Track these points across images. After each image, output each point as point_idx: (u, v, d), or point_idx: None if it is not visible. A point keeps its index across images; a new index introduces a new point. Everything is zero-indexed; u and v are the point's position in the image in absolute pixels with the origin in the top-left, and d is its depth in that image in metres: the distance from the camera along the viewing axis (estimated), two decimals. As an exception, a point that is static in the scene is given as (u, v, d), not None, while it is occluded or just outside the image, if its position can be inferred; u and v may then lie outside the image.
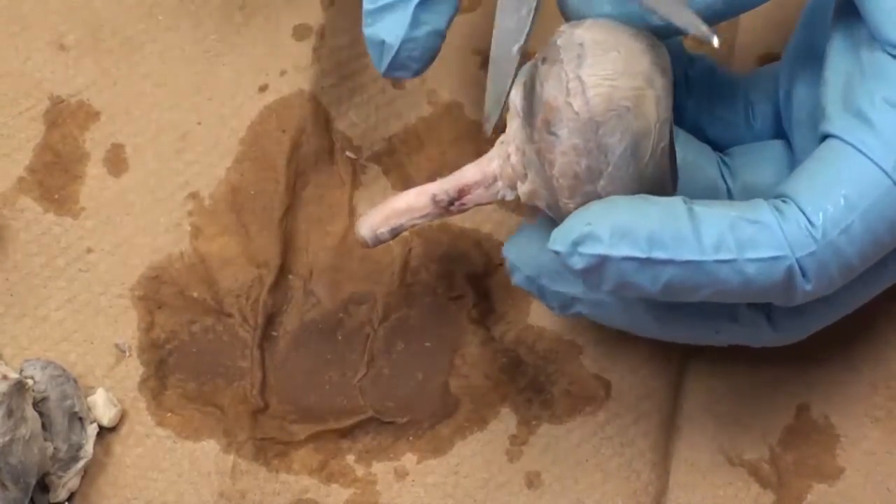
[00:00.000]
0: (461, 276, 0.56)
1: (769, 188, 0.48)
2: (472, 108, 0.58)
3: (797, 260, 0.44)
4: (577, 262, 0.44)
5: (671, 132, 0.46)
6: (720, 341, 0.50)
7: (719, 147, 0.53)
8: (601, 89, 0.44)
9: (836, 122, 0.46)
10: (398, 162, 0.58)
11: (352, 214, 0.57)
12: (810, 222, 0.44)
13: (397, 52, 0.50)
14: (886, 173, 0.44)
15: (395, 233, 0.50)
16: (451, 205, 0.49)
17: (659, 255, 0.44)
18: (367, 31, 0.50)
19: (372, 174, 0.58)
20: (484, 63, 0.59)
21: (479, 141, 0.57)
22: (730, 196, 0.51)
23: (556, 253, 0.45)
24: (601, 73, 0.45)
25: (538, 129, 0.45)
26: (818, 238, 0.44)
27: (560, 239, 0.45)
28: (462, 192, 0.49)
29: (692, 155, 0.51)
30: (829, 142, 0.46)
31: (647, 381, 0.54)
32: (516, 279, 0.50)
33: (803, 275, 0.44)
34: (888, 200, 0.44)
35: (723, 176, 0.51)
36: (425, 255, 0.56)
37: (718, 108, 0.53)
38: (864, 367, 0.54)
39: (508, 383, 0.55)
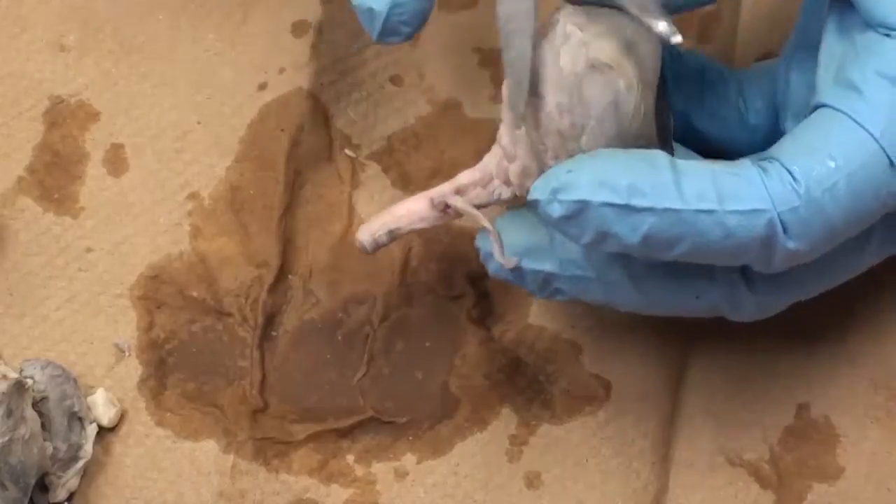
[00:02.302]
0: (461, 276, 0.56)
1: None
2: (471, 106, 0.58)
3: (779, 214, 0.44)
4: (556, 209, 0.45)
5: (661, 100, 0.47)
6: (701, 309, 0.49)
7: (712, 142, 0.53)
8: (585, 49, 0.45)
9: (827, 92, 0.46)
10: (397, 160, 0.58)
11: (351, 213, 0.57)
12: (795, 179, 0.44)
13: (387, 18, 0.50)
14: (874, 138, 0.44)
15: (394, 236, 0.50)
16: (449, 207, 0.49)
17: (639, 202, 0.44)
18: (355, 0, 0.51)
19: (371, 172, 0.58)
20: (483, 61, 0.59)
21: (478, 139, 0.57)
22: None
23: (536, 202, 0.45)
24: (586, 35, 0.45)
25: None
26: (801, 194, 0.44)
27: (540, 187, 0.45)
28: (459, 193, 0.49)
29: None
30: (819, 110, 0.46)
31: (647, 381, 0.54)
32: (492, 267, 0.50)
33: (785, 231, 0.44)
34: (875, 165, 0.44)
35: None
36: (425, 255, 0.56)
37: (710, 103, 0.53)
38: (864, 367, 0.54)
39: (508, 383, 0.55)
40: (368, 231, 0.51)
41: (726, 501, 0.53)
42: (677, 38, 0.45)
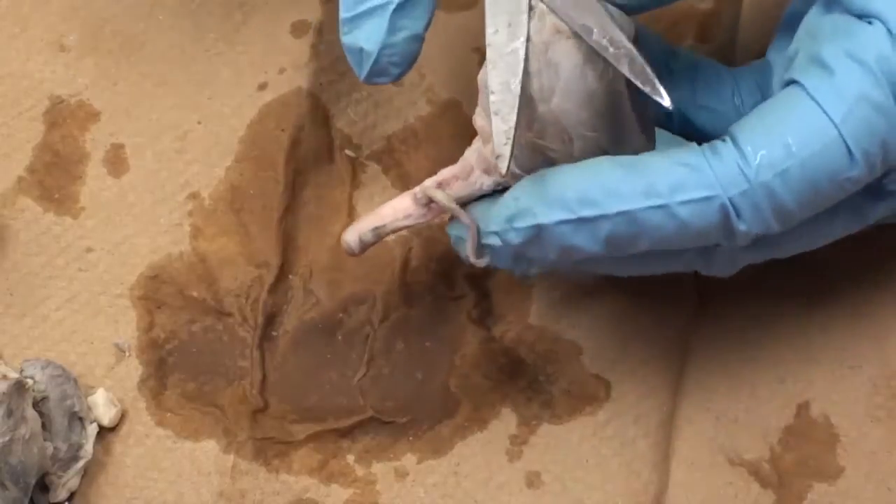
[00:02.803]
0: (461, 276, 0.56)
1: None
2: (471, 107, 0.57)
3: (730, 199, 0.44)
4: (515, 237, 0.46)
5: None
6: (674, 266, 0.49)
7: (709, 137, 0.53)
8: (553, 18, 0.46)
9: (798, 68, 0.46)
10: (397, 160, 0.58)
11: (351, 213, 0.57)
12: (746, 160, 0.44)
13: (377, 59, 0.50)
14: (835, 124, 0.44)
15: (379, 235, 0.51)
16: (432, 202, 0.49)
17: (588, 212, 0.45)
18: (345, 39, 0.50)
19: (371, 172, 0.58)
20: (482, 61, 0.59)
21: (478, 140, 0.57)
22: None
23: (495, 233, 0.46)
24: (555, 6, 0.46)
25: None
26: (751, 177, 0.44)
27: (494, 219, 0.46)
28: (441, 188, 0.49)
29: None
30: (788, 88, 0.46)
31: (647, 381, 0.54)
32: (462, 252, 0.49)
33: (738, 214, 0.44)
34: (832, 152, 0.44)
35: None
36: (425, 255, 0.56)
37: (704, 98, 0.53)
38: (864, 367, 0.54)
39: (508, 383, 0.55)
40: (355, 231, 0.51)
41: (726, 501, 0.53)
42: (668, 103, 0.45)
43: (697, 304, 0.55)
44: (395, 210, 0.50)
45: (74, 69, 0.59)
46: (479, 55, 0.59)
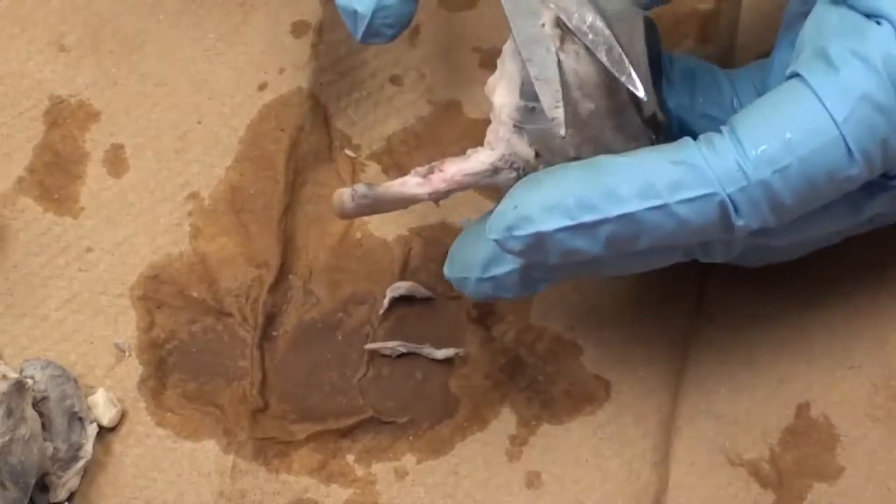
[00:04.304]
0: (461, 276, 0.56)
1: None
2: (471, 106, 0.58)
3: (728, 195, 0.44)
4: (516, 245, 0.45)
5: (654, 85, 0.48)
6: (673, 256, 0.49)
7: None
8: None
9: (803, 62, 0.46)
10: (397, 160, 0.58)
11: (351, 214, 0.57)
12: (745, 155, 0.44)
13: (370, 21, 0.51)
14: (836, 123, 0.44)
15: (376, 199, 0.49)
16: (432, 172, 0.48)
17: (589, 216, 0.45)
18: (340, 1, 0.51)
19: (371, 173, 0.58)
20: (483, 61, 0.59)
21: (478, 139, 0.57)
22: None
23: (496, 241, 0.46)
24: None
25: None
26: (749, 173, 0.44)
27: (494, 227, 0.46)
28: (441, 165, 0.49)
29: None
30: (791, 81, 0.46)
31: (646, 381, 0.54)
32: (469, 290, 0.49)
33: (736, 210, 0.44)
34: (832, 150, 0.44)
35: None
36: (425, 255, 0.56)
37: (703, 105, 0.53)
38: (864, 367, 0.54)
39: (508, 383, 0.55)
40: (356, 189, 0.49)
41: (726, 501, 0.53)
42: (642, 94, 0.46)
43: (697, 304, 0.55)
44: (395, 182, 0.49)
45: (74, 69, 0.59)
46: (480, 55, 0.59)
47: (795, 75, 0.46)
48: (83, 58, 0.59)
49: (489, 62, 0.59)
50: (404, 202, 0.49)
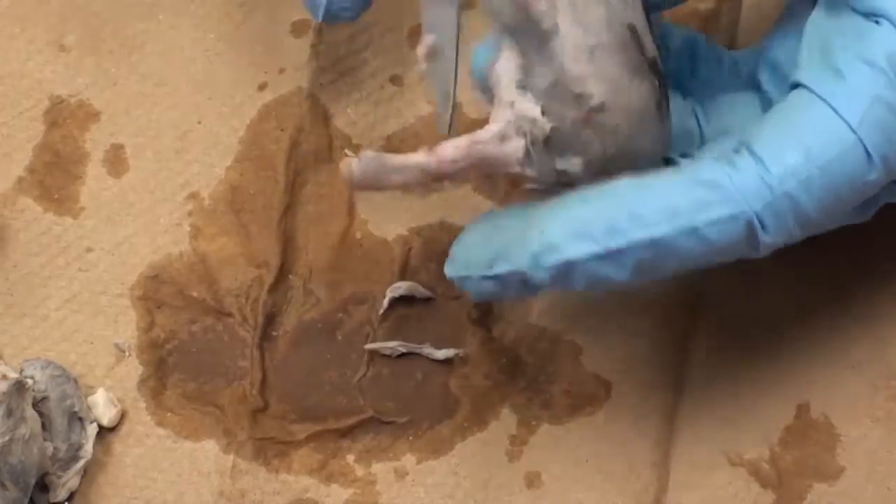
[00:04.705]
0: (461, 276, 0.56)
1: (739, 131, 0.48)
2: (471, 107, 0.58)
3: (755, 213, 0.44)
4: (544, 276, 0.45)
5: (647, 31, 0.48)
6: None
7: (706, 112, 0.53)
8: None
9: (807, 72, 0.46)
10: (397, 161, 0.58)
11: (351, 213, 0.57)
12: (768, 170, 0.44)
13: (328, 7, 0.53)
14: (852, 128, 0.44)
15: (383, 167, 0.48)
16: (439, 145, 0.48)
17: (617, 243, 0.44)
18: None
19: (372, 173, 0.58)
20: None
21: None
22: (702, 140, 0.51)
23: (518, 272, 0.45)
24: None
25: None
26: (774, 187, 0.44)
27: (517, 254, 0.45)
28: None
29: None
30: (798, 91, 0.46)
31: (647, 381, 0.54)
32: (471, 289, 0.49)
33: (763, 227, 0.44)
34: (851, 155, 0.44)
35: (697, 121, 0.51)
36: (425, 255, 0.56)
37: (702, 75, 0.52)
38: (864, 367, 0.54)
39: (508, 383, 0.55)
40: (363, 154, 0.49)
41: (726, 501, 0.53)
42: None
43: (697, 304, 0.55)
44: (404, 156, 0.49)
45: (74, 69, 0.59)
46: (479, 55, 0.59)
47: (800, 86, 0.45)
48: (83, 58, 0.59)
49: (489, 62, 0.59)
50: (410, 173, 0.48)
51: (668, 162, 0.49)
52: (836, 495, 0.53)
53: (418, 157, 0.48)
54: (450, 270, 0.49)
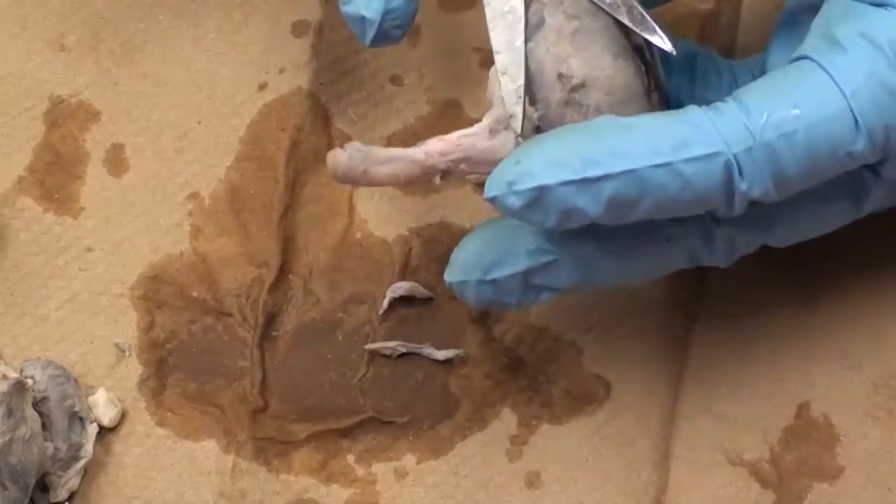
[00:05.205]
0: (461, 276, 0.56)
1: None
2: (471, 106, 0.58)
3: (734, 156, 0.44)
4: (515, 201, 0.45)
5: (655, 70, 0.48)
6: (677, 257, 0.49)
7: None
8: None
9: (809, 45, 0.46)
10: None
11: (351, 213, 0.57)
12: (751, 117, 0.44)
13: (380, 25, 0.51)
14: (845, 95, 0.44)
15: (367, 159, 0.48)
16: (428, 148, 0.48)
17: (594, 171, 0.44)
18: (346, 8, 0.51)
19: (372, 173, 0.58)
20: (483, 61, 0.59)
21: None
22: None
23: (493, 199, 0.45)
24: None
25: None
26: (756, 134, 0.44)
27: (494, 183, 0.45)
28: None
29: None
30: (797, 61, 0.46)
31: (647, 381, 0.54)
32: (469, 294, 0.49)
33: (740, 172, 0.44)
34: (839, 121, 0.44)
35: None
36: (425, 255, 0.56)
37: (701, 90, 0.53)
38: (864, 367, 0.54)
39: (508, 383, 0.55)
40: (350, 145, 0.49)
41: (726, 501, 0.53)
42: (669, 47, 0.46)
43: (697, 304, 0.55)
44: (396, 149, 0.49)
45: (74, 69, 0.59)
46: (480, 55, 0.59)
47: (802, 58, 0.46)
48: (83, 58, 0.59)
49: (489, 62, 0.58)
50: (398, 166, 0.48)
51: None
52: (836, 495, 0.53)
53: (406, 150, 0.48)
54: (449, 276, 0.50)
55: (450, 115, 0.58)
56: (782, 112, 0.44)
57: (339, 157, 0.48)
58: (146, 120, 0.58)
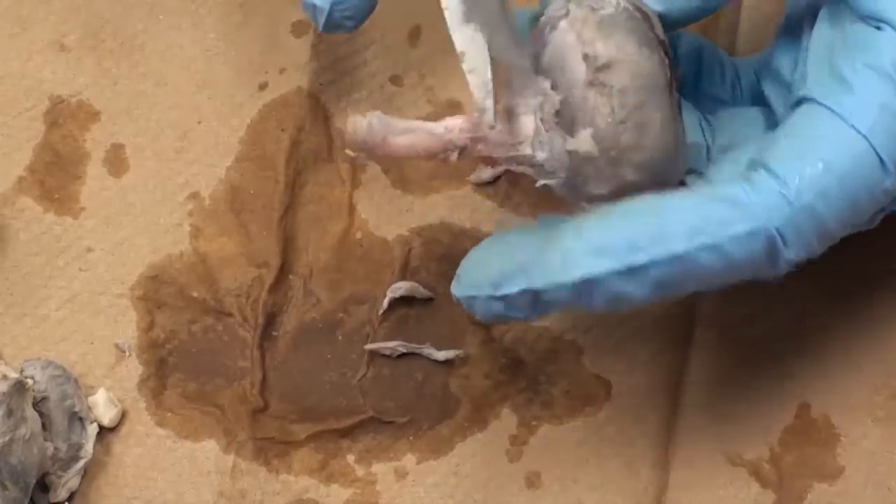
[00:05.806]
0: (461, 276, 0.56)
1: (746, 148, 0.48)
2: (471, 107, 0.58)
3: (776, 228, 0.44)
4: (564, 294, 0.45)
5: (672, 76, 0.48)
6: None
7: (707, 121, 0.53)
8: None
9: (814, 85, 0.46)
10: (397, 161, 0.58)
11: (351, 213, 0.57)
12: (786, 185, 0.44)
13: (330, 14, 0.53)
14: (863, 135, 0.44)
15: (386, 129, 0.48)
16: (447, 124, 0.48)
17: (638, 259, 0.44)
18: None
19: (371, 172, 0.58)
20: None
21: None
22: (708, 153, 0.51)
23: (538, 291, 0.45)
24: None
25: None
26: (792, 201, 0.44)
27: (533, 274, 0.45)
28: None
29: None
30: (805, 106, 0.46)
31: (647, 381, 0.54)
32: (478, 309, 0.48)
33: (784, 242, 0.44)
34: (865, 163, 0.44)
35: (703, 134, 0.51)
36: (425, 255, 0.56)
37: (706, 84, 0.53)
38: (864, 367, 0.54)
39: (508, 383, 0.55)
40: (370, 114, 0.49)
41: (726, 501, 0.53)
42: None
43: (697, 305, 0.55)
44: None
45: (74, 69, 0.59)
46: (480, 55, 0.59)
47: (809, 100, 0.45)
48: (83, 58, 0.59)
49: (489, 62, 0.59)
50: (417, 138, 0.48)
51: (681, 184, 0.49)
52: (836, 495, 0.53)
53: (426, 123, 0.48)
54: (456, 290, 0.49)
55: (450, 115, 0.58)
56: (812, 170, 0.44)
57: (359, 124, 0.48)
58: (146, 120, 0.58)
